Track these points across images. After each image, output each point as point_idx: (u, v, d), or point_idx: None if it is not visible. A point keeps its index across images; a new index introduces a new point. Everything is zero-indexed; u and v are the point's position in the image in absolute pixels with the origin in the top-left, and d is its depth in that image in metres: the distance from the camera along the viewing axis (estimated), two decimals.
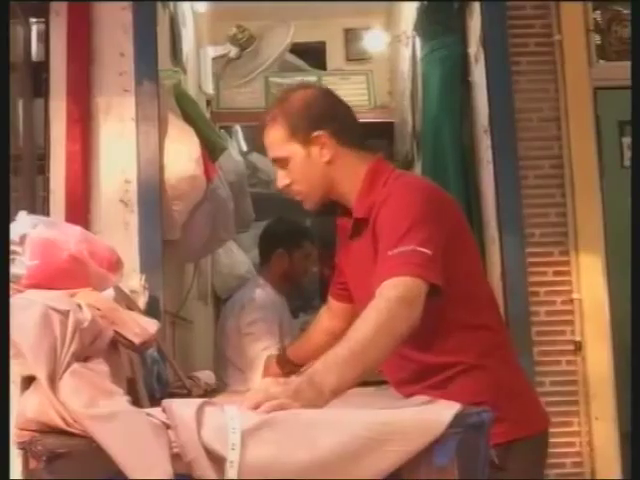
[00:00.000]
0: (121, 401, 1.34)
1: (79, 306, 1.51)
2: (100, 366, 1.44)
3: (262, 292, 3.30)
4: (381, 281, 1.61)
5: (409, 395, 1.72)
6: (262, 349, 2.96)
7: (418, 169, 3.76)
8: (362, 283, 1.81)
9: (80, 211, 2.70)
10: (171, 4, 3.29)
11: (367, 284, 1.70)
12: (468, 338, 1.78)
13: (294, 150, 1.87)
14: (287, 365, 2.40)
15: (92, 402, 1.29)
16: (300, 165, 1.87)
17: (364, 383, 1.59)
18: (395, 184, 1.81)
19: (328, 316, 2.22)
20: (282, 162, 1.90)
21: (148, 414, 1.29)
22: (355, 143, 1.92)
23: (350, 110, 1.97)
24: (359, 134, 1.95)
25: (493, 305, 1.93)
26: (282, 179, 1.91)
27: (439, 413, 1.31)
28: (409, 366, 1.79)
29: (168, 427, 1.25)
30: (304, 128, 1.86)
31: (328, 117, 1.89)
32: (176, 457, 1.23)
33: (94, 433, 1.24)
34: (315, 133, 1.86)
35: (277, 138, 1.88)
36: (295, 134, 1.86)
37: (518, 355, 2.00)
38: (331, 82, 4.64)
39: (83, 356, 1.43)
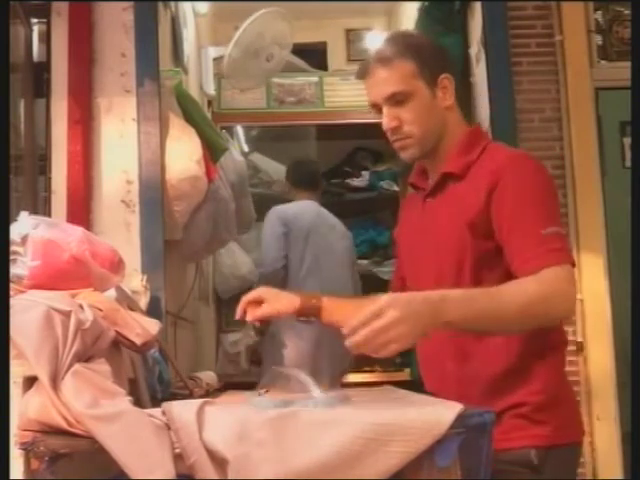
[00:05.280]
0: (123, 401, 1.33)
1: (81, 307, 1.51)
2: (102, 366, 1.44)
3: None
4: (544, 261, 1.56)
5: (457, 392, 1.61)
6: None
7: None
8: (430, 245, 1.75)
9: (82, 211, 2.70)
10: (172, 5, 3.29)
11: (438, 244, 1.70)
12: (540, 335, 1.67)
13: (421, 87, 1.74)
14: None
15: (94, 402, 1.29)
16: (423, 104, 1.74)
17: (367, 384, 1.58)
18: (511, 154, 1.73)
19: None
20: (400, 98, 1.73)
21: (150, 415, 1.29)
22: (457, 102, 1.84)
23: None
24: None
25: None
26: (393, 119, 1.74)
27: (441, 414, 1.30)
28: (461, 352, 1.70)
29: (170, 427, 1.25)
30: (434, 67, 1.75)
31: (450, 62, 1.84)
32: (178, 457, 1.23)
33: (96, 433, 1.23)
34: (443, 75, 1.76)
35: (404, 71, 1.72)
36: (423, 72, 1.74)
37: None
38: (332, 82, 4.65)
39: (85, 357, 1.43)
